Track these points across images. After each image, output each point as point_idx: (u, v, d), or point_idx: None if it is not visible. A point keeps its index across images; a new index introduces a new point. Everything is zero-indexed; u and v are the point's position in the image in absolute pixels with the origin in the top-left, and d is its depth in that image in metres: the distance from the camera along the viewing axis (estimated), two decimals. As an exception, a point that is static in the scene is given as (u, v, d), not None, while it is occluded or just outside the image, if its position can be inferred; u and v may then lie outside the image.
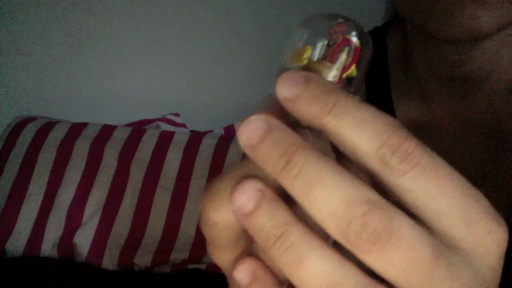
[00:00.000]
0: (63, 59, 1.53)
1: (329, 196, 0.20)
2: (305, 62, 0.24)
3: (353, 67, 0.25)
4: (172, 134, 1.40)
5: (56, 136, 1.37)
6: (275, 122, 0.21)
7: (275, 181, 0.21)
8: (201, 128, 1.53)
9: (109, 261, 1.24)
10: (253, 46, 1.55)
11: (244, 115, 0.21)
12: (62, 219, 1.28)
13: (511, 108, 0.49)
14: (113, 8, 1.52)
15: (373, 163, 0.21)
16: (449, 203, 0.20)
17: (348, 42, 0.24)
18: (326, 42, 0.24)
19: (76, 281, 1.18)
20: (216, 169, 1.32)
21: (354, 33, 0.25)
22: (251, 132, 0.21)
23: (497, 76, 0.48)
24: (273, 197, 0.21)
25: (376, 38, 0.57)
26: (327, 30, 0.24)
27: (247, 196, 0.21)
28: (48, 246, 1.26)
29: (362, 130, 0.21)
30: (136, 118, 1.54)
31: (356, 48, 0.25)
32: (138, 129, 1.42)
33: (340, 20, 0.25)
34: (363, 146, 0.21)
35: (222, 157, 1.34)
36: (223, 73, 1.57)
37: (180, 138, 1.39)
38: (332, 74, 0.24)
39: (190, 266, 1.23)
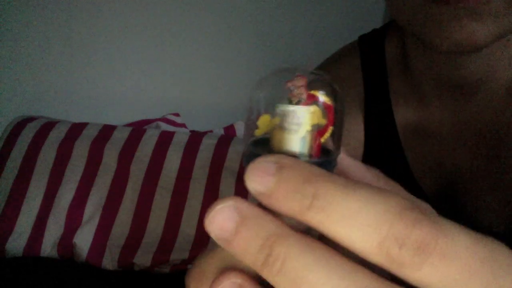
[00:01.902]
0: (63, 59, 1.53)
1: None
2: (268, 130, 0.21)
3: (330, 129, 0.21)
4: (172, 134, 1.40)
5: (56, 136, 1.37)
6: (246, 207, 0.19)
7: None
8: (201, 128, 1.53)
9: (109, 261, 1.24)
10: (253, 46, 1.55)
11: (244, 115, 0.20)
12: (62, 219, 1.28)
13: (509, 110, 0.49)
14: (113, 8, 1.52)
15: (378, 259, 0.17)
16: (478, 285, 0.17)
17: (314, 98, 0.21)
18: (288, 102, 0.21)
19: (76, 281, 1.18)
20: (216, 169, 1.32)
21: (321, 91, 0.21)
22: (222, 225, 0.18)
23: (494, 79, 0.48)
24: None
25: (375, 40, 0.57)
26: (286, 87, 0.21)
27: None
28: (48, 246, 1.26)
29: (354, 225, 0.17)
30: (136, 118, 1.54)
31: (328, 107, 0.21)
32: (138, 129, 1.42)
33: (299, 73, 0.21)
34: (359, 243, 0.17)
35: (222, 157, 1.34)
36: (223, 73, 1.57)
37: (180, 138, 1.39)
38: (300, 140, 0.20)
39: (190, 266, 1.23)
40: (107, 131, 1.39)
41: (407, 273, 0.17)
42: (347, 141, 0.55)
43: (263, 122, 0.21)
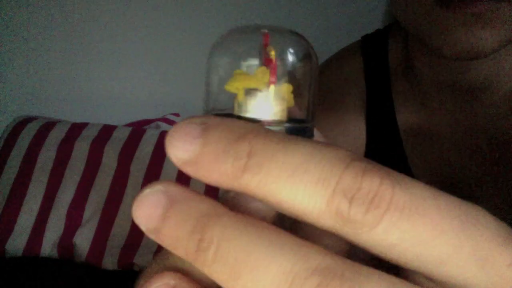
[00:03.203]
0: (63, 59, 1.53)
1: (262, 277, 0.14)
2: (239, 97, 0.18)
3: (272, 88, 0.18)
4: (172, 134, 1.40)
5: (56, 136, 1.37)
6: (176, 190, 0.16)
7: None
8: (201, 128, 1.53)
9: (109, 261, 1.24)
10: (253, 46, 1.55)
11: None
12: (62, 219, 1.28)
13: None
14: (114, 8, 1.52)
15: (328, 222, 0.15)
16: (448, 246, 0.15)
17: (270, 62, 0.18)
18: (255, 63, 0.18)
19: (76, 281, 1.18)
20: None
21: (270, 47, 0.18)
22: (149, 212, 0.16)
23: (498, 83, 0.48)
24: None
25: (378, 41, 0.57)
26: (259, 48, 0.18)
27: None
28: (48, 246, 1.26)
29: (298, 182, 0.15)
30: (136, 118, 1.53)
31: (268, 62, 0.18)
32: (138, 129, 1.42)
33: (263, 30, 0.18)
34: (305, 205, 0.15)
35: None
36: (223, 73, 1.57)
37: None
38: (262, 105, 0.18)
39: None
40: (107, 131, 1.39)
41: (363, 236, 0.15)
42: (348, 141, 0.55)
43: (239, 78, 0.19)
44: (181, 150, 0.16)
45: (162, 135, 1.39)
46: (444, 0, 0.39)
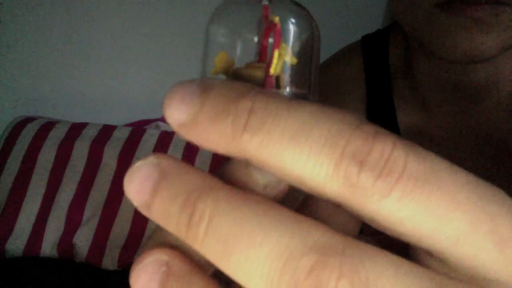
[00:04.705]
0: (63, 59, 1.53)
1: (255, 254, 0.13)
2: (224, 69, 0.17)
3: (281, 55, 0.17)
4: (172, 134, 1.40)
5: (56, 136, 1.36)
6: (169, 162, 0.15)
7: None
8: (201, 128, 1.53)
9: (109, 261, 1.24)
10: (253, 46, 1.55)
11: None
12: (62, 219, 1.28)
13: None
14: (113, 8, 1.52)
15: (335, 190, 0.13)
16: (465, 222, 0.13)
17: (274, 27, 0.17)
18: (254, 37, 0.17)
19: (76, 281, 1.18)
20: (216, 169, 1.32)
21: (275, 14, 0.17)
22: (139, 186, 0.15)
23: (499, 86, 0.48)
24: (186, 270, 0.15)
25: (378, 41, 0.57)
26: (257, 20, 0.17)
27: (146, 279, 0.15)
28: (48, 246, 1.25)
29: (303, 144, 0.13)
30: (136, 118, 1.53)
31: (272, 26, 0.17)
32: (138, 129, 1.42)
33: (264, 2, 0.17)
34: (310, 169, 0.13)
35: (222, 157, 1.33)
36: (223, 73, 1.57)
37: (180, 138, 1.38)
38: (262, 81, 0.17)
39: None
40: (107, 131, 1.39)
41: (372, 207, 0.13)
42: None
43: (220, 60, 0.18)
44: (178, 111, 0.15)
45: (162, 135, 1.39)
46: (445, 4, 0.39)
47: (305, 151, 0.13)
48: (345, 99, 0.55)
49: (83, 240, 1.25)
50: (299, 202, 0.17)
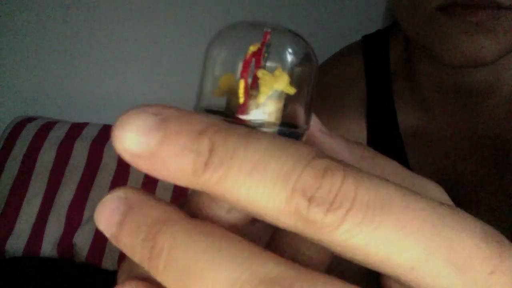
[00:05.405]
0: (63, 59, 1.53)
1: (209, 286, 0.14)
2: (228, 91, 0.17)
3: (244, 84, 0.17)
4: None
5: (56, 136, 1.37)
6: (134, 196, 0.16)
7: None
8: (201, 128, 1.53)
9: (109, 261, 1.24)
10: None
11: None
12: (62, 219, 1.28)
13: None
14: (113, 8, 1.52)
15: (289, 222, 0.14)
16: (418, 249, 0.14)
17: (252, 56, 0.17)
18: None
19: (76, 281, 1.18)
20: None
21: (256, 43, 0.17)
22: (108, 218, 0.16)
23: (499, 87, 0.48)
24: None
25: (379, 41, 0.57)
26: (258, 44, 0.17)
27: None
28: (48, 246, 1.26)
29: (259, 179, 0.14)
30: (136, 118, 1.53)
31: (255, 53, 0.17)
32: (138, 129, 1.42)
33: (266, 29, 0.17)
34: (265, 202, 0.14)
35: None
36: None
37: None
38: (260, 107, 0.17)
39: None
40: (107, 131, 1.39)
41: (325, 238, 0.14)
42: None
43: (225, 81, 0.18)
44: (133, 142, 0.15)
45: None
46: (446, 8, 0.39)
47: (260, 188, 0.14)
48: (345, 99, 0.55)
49: (83, 240, 1.25)
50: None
